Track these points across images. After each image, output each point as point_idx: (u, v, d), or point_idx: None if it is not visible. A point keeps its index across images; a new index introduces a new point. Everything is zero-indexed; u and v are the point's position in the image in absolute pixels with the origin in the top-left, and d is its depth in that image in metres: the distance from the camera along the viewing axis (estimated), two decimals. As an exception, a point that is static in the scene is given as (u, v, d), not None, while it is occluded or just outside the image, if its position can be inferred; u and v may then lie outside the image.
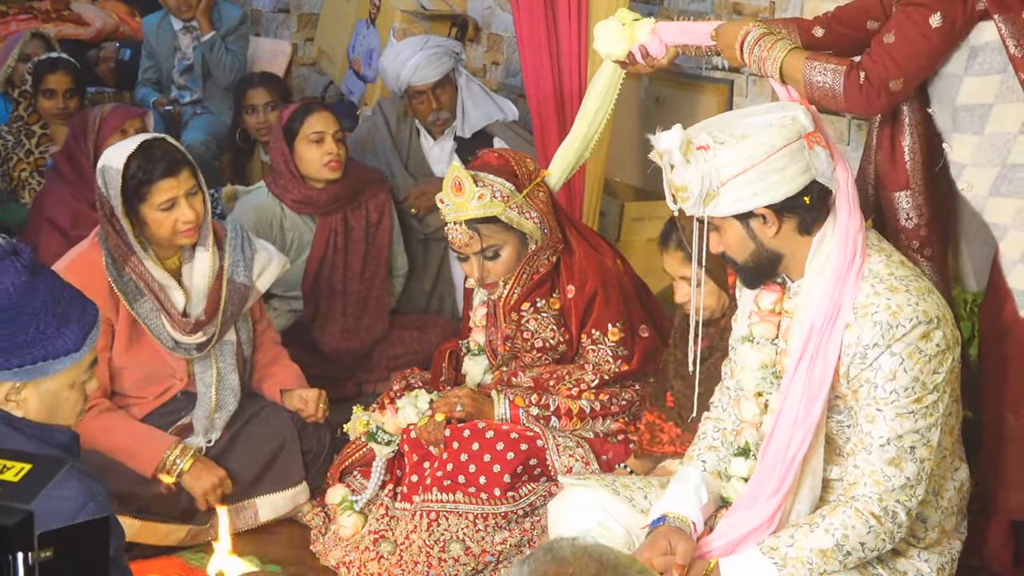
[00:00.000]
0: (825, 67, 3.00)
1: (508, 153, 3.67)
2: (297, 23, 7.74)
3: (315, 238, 4.66)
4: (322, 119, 4.59)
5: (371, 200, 4.76)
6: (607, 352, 3.60)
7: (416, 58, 4.98)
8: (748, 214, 2.73)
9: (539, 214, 3.55)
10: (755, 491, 2.78)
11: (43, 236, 4.67)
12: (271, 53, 6.85)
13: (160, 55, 6.62)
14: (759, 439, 2.88)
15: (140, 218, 3.61)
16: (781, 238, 2.75)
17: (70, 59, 5.80)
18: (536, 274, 3.62)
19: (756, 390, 2.90)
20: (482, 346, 3.80)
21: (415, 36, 5.31)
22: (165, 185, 3.58)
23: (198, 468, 3.67)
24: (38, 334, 2.39)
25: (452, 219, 3.53)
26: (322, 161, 4.57)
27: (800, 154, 2.71)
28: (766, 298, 2.89)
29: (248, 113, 5.71)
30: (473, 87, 5.17)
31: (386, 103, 5.28)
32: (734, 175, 2.68)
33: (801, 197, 2.72)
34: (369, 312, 4.76)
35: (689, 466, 2.98)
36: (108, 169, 3.59)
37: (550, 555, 1.66)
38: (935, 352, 2.65)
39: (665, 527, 2.81)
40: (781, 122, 2.73)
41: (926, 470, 2.68)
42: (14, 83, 5.94)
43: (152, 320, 3.65)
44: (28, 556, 1.58)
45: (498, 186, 3.51)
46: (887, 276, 2.72)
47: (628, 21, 3.40)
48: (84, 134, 4.66)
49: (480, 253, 3.55)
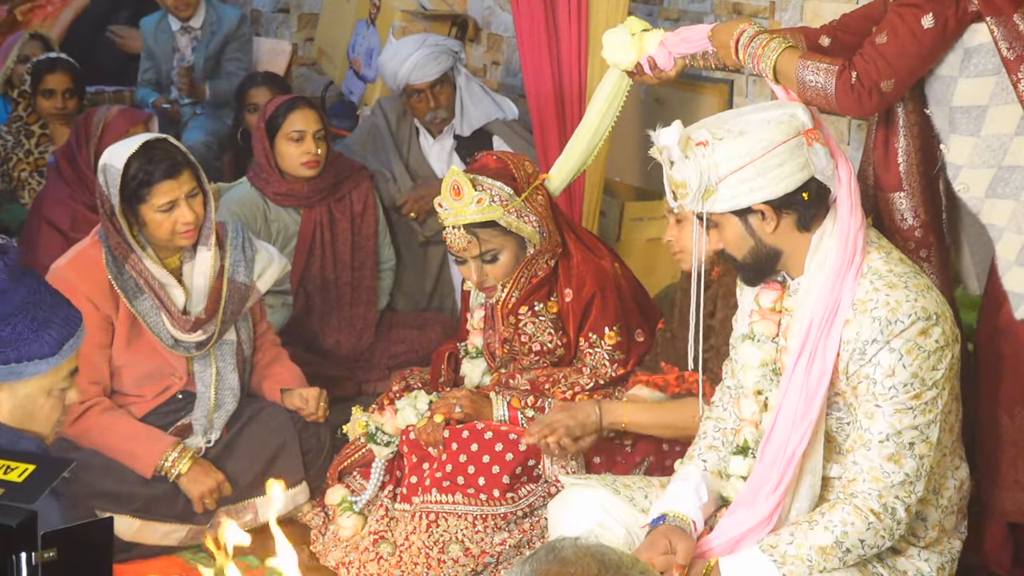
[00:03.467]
0: (818, 66, 3.00)
1: (507, 156, 3.66)
2: (297, 23, 7.73)
3: (300, 231, 4.67)
4: (304, 117, 4.59)
5: (354, 191, 4.78)
6: (603, 355, 3.60)
7: (414, 56, 4.97)
8: (746, 210, 2.74)
9: (538, 218, 3.54)
10: (754, 489, 2.78)
11: (42, 237, 4.67)
12: (271, 53, 6.85)
13: (158, 56, 6.62)
14: (758, 437, 2.88)
15: (140, 218, 3.61)
16: (779, 234, 2.76)
17: (69, 59, 5.81)
18: (534, 278, 3.61)
19: (756, 388, 2.90)
20: (480, 349, 3.80)
21: (414, 35, 5.31)
22: (165, 187, 3.58)
23: (196, 470, 3.67)
24: (13, 335, 2.35)
25: (451, 223, 3.51)
26: (300, 160, 4.59)
27: (799, 150, 2.71)
28: (766, 296, 2.90)
29: (250, 112, 5.71)
30: (472, 86, 5.17)
31: (386, 102, 5.28)
32: (732, 171, 2.69)
33: (799, 194, 2.73)
34: (363, 301, 4.79)
35: (690, 465, 2.98)
36: (109, 168, 3.59)
37: (552, 555, 1.66)
38: (934, 348, 2.66)
39: (665, 526, 2.81)
40: (779, 119, 2.74)
41: (925, 467, 2.68)
42: (13, 83, 5.95)
43: (152, 318, 3.66)
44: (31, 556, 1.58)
45: (496, 190, 3.49)
46: (886, 273, 2.72)
47: (637, 31, 3.37)
48: (87, 137, 4.65)
49: (478, 257, 3.54)
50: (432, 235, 4.95)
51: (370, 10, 6.46)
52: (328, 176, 4.68)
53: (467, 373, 3.82)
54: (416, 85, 5.00)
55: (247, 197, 4.64)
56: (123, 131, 4.64)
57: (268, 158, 4.61)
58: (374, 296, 4.85)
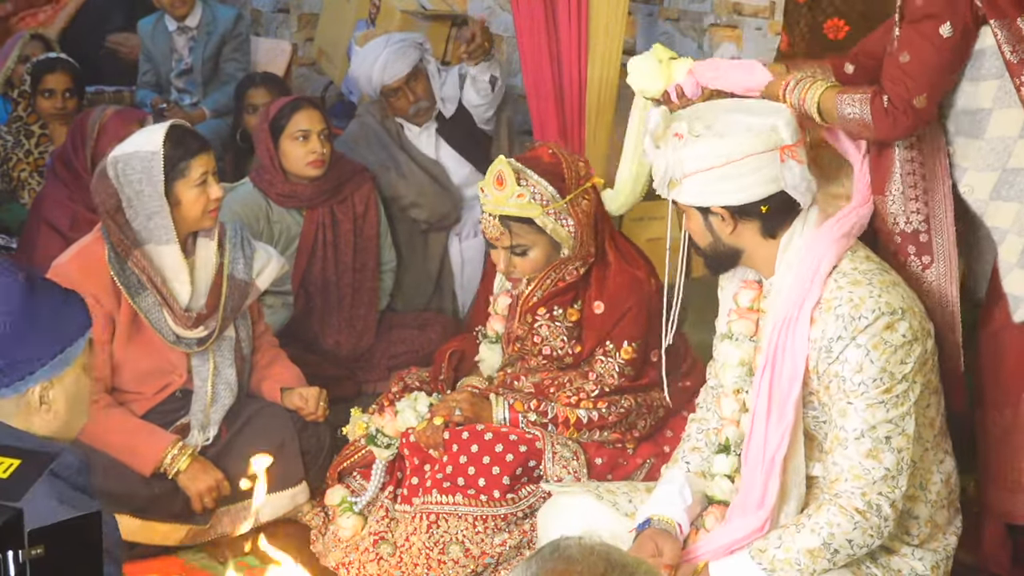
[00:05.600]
0: (853, 98, 3.00)
1: (562, 153, 3.57)
2: (297, 23, 7.74)
3: (303, 232, 4.68)
4: (308, 117, 4.60)
5: (356, 192, 4.79)
6: (614, 366, 3.55)
7: (382, 57, 4.98)
8: (707, 209, 2.78)
9: (576, 224, 3.46)
10: (743, 496, 2.80)
11: (41, 238, 4.67)
12: (271, 53, 6.85)
13: (157, 57, 6.63)
14: (739, 435, 2.90)
15: (173, 198, 3.64)
16: (738, 236, 2.81)
17: (69, 59, 5.81)
18: (561, 281, 3.56)
19: (734, 387, 2.93)
20: (500, 335, 3.76)
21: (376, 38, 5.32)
22: (203, 159, 3.68)
23: (195, 468, 3.67)
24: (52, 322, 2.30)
25: (488, 211, 3.48)
26: (306, 159, 4.59)
27: (770, 165, 2.74)
28: (744, 296, 2.93)
29: (249, 113, 5.71)
30: (440, 71, 5.17)
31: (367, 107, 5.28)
32: (698, 170, 2.73)
33: (759, 206, 2.75)
34: (363, 302, 4.79)
35: (673, 468, 3.02)
36: (139, 155, 3.61)
37: (557, 553, 1.66)
38: (901, 342, 2.67)
39: (651, 530, 2.84)
40: (760, 128, 2.77)
41: (905, 460, 2.69)
42: (13, 84, 5.95)
43: (154, 314, 3.66)
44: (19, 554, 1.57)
45: (540, 188, 3.43)
46: (850, 271, 2.75)
47: (665, 59, 3.32)
48: (83, 139, 4.65)
49: (509, 248, 3.51)
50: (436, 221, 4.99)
51: (370, 10, 6.46)
52: (331, 177, 4.69)
53: (484, 358, 3.79)
54: (391, 84, 5.01)
55: (250, 198, 4.64)
56: (120, 132, 4.63)
57: (272, 159, 4.62)
58: (375, 297, 4.85)
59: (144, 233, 3.64)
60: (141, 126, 4.76)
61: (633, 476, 3.52)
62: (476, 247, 5.04)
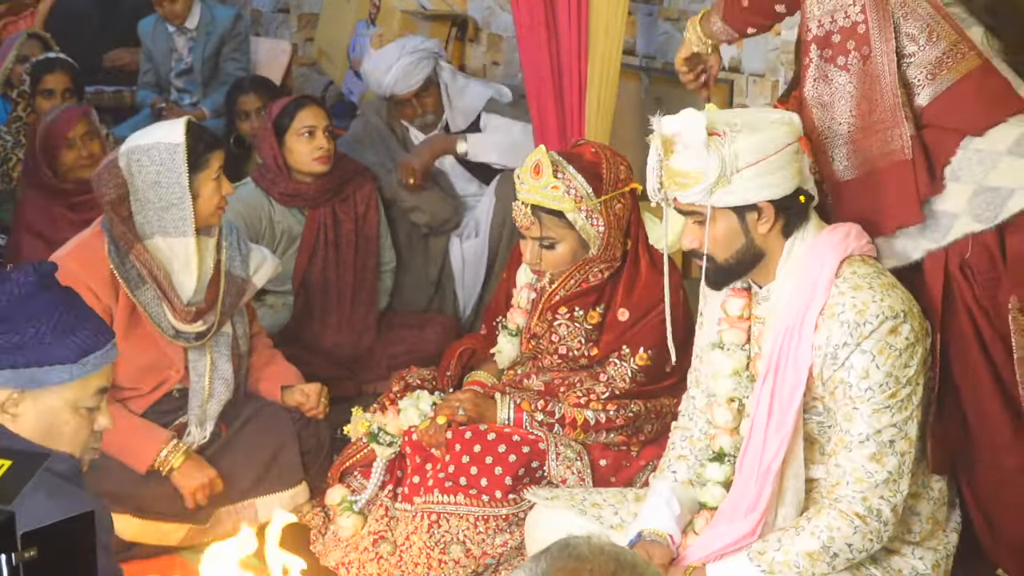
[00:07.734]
0: None
1: (606, 152, 3.52)
2: (297, 23, 7.74)
3: (304, 231, 4.70)
4: (313, 113, 4.64)
5: (358, 192, 4.81)
6: (627, 370, 3.52)
7: (395, 70, 5.01)
8: (746, 207, 2.72)
9: (606, 226, 3.43)
10: (734, 503, 2.80)
11: (25, 248, 4.76)
12: (271, 53, 6.87)
13: (157, 58, 6.64)
14: (735, 444, 2.88)
15: (193, 190, 3.64)
16: (768, 237, 2.76)
17: (68, 59, 5.81)
18: (584, 282, 3.53)
19: (729, 396, 2.90)
20: (520, 328, 3.73)
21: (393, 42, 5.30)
22: (219, 153, 3.71)
23: (188, 465, 3.67)
24: (35, 338, 2.32)
25: (521, 198, 3.46)
26: (312, 155, 4.62)
27: (798, 156, 2.75)
28: (733, 304, 2.90)
29: (241, 119, 5.73)
30: (457, 79, 5.17)
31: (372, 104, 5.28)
32: (749, 164, 2.68)
33: (797, 196, 2.74)
34: (364, 302, 4.81)
35: (660, 479, 3.01)
36: (158, 147, 3.61)
37: (567, 551, 1.65)
38: (905, 346, 2.67)
39: (642, 542, 2.84)
40: (782, 120, 2.76)
41: (907, 464, 2.69)
42: (12, 84, 5.94)
43: (153, 308, 3.67)
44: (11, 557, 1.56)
45: (576, 184, 3.40)
46: (850, 275, 2.73)
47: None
48: (42, 146, 4.79)
49: (537, 239, 3.50)
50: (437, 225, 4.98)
51: (370, 10, 6.46)
52: (334, 176, 4.71)
53: (503, 350, 3.76)
54: (401, 96, 5.02)
55: (252, 198, 4.65)
56: (65, 130, 4.79)
57: (276, 158, 4.63)
58: (375, 297, 4.86)
59: (152, 225, 3.63)
60: (88, 121, 4.83)
61: (636, 478, 3.51)
62: (477, 248, 5.04)
